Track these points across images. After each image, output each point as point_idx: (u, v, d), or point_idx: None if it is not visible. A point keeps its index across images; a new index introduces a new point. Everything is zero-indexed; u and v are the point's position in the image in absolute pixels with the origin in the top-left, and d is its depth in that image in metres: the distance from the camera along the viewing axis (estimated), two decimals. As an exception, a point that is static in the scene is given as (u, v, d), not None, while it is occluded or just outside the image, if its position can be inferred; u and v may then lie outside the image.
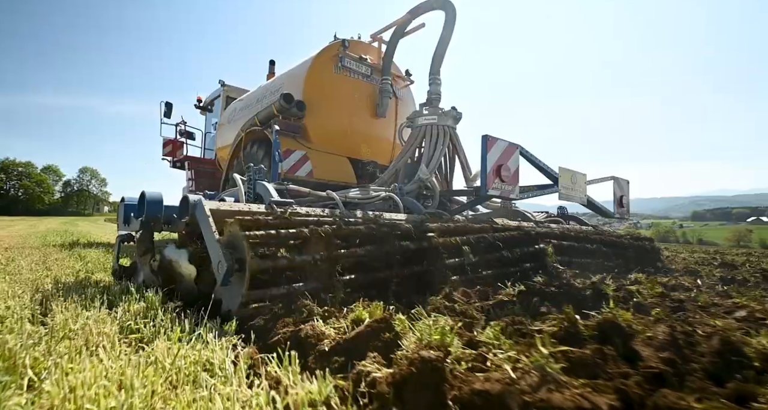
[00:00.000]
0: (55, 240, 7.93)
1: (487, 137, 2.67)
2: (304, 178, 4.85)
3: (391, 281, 2.26)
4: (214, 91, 9.02)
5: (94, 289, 2.30)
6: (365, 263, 2.28)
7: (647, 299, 2.07)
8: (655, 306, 1.91)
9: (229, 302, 1.94)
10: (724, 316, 1.78)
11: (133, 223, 2.57)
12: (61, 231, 11.66)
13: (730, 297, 2.29)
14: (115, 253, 2.78)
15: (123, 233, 2.82)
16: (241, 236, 1.92)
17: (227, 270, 1.87)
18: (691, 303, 2.02)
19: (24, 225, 16.89)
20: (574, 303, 1.66)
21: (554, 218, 5.04)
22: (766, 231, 34.55)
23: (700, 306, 1.97)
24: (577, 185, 3.26)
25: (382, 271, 2.29)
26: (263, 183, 2.77)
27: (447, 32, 4.65)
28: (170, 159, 8.67)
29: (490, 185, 2.67)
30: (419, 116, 4.64)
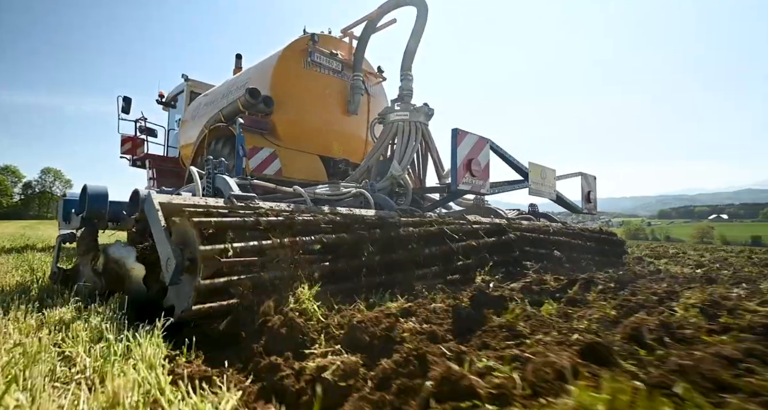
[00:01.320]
0: (3, 245, 7.24)
1: (457, 131, 2.63)
2: (272, 176, 4.65)
3: (360, 281, 2.16)
4: (177, 86, 8.59)
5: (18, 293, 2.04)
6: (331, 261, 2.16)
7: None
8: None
9: (179, 303, 1.77)
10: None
11: (74, 220, 2.32)
12: (17, 236, 10.68)
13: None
14: (54, 255, 2.51)
15: (64, 232, 2.55)
16: (191, 225, 1.76)
17: (176, 267, 1.70)
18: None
19: None
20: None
21: (526, 215, 5.11)
22: (726, 228, 37.39)
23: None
24: (546, 180, 3.29)
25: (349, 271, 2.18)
26: (223, 177, 2.59)
27: (418, 28, 4.62)
28: (129, 157, 8.17)
29: (460, 179, 2.62)
30: (391, 112, 4.56)
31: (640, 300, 1.91)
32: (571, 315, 1.72)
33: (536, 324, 1.56)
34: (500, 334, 1.40)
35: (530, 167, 3.13)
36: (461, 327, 1.50)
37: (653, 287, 2.26)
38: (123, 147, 8.18)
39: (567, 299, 1.93)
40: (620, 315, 1.66)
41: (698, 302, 1.76)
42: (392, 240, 2.32)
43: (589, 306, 1.84)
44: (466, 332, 1.46)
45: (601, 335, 1.35)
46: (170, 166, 7.93)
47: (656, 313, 1.68)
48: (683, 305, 1.76)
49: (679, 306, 1.76)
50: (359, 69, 5.58)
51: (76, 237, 2.44)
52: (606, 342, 1.16)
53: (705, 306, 1.72)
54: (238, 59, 7.31)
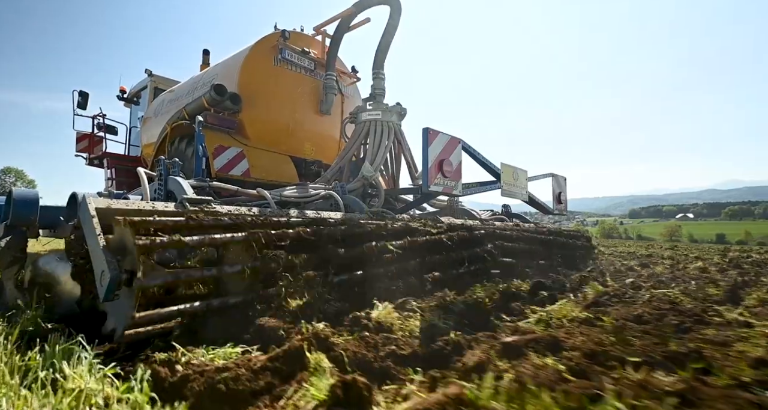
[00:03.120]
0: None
1: (428, 130, 2.54)
2: (239, 177, 4.43)
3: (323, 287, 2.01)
4: (140, 81, 8.13)
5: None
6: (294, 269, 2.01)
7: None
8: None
9: (114, 322, 1.57)
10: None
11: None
12: None
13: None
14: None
15: (-11, 240, 2.27)
16: (132, 240, 1.57)
17: (111, 282, 1.51)
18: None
19: None
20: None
21: (499, 216, 5.12)
22: (694, 227, 39.78)
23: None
24: (518, 181, 3.26)
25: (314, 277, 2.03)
26: (176, 179, 2.38)
27: (391, 27, 4.53)
28: (85, 156, 7.64)
29: (432, 180, 2.54)
30: (363, 111, 4.45)
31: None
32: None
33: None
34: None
35: (502, 168, 3.09)
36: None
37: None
38: (79, 145, 7.65)
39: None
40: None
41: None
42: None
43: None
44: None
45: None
46: (131, 165, 7.47)
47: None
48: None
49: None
50: (332, 68, 5.42)
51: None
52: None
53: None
54: (205, 55, 6.99)
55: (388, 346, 1.36)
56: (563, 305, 1.94)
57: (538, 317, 1.79)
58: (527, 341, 1.35)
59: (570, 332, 1.56)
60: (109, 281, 1.51)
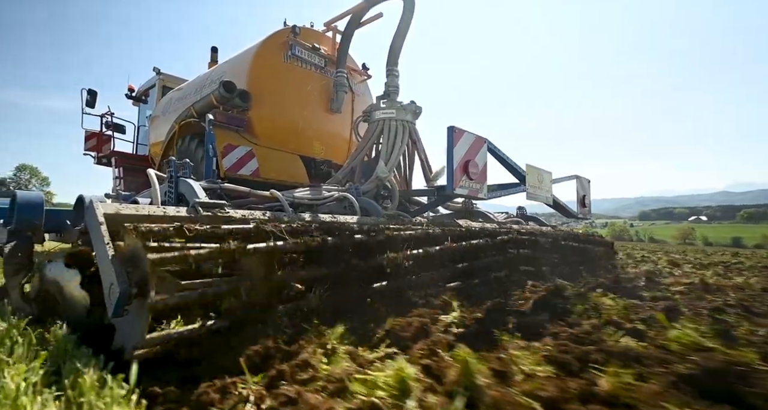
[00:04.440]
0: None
1: (453, 129, 2.39)
2: (248, 177, 4.32)
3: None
4: (148, 80, 8.07)
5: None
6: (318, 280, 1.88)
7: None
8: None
9: (123, 337, 1.45)
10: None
11: (1, 233, 1.95)
12: None
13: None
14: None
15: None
16: (142, 251, 1.45)
17: (121, 296, 1.39)
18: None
19: None
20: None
21: (515, 218, 4.96)
22: (707, 229, 39.13)
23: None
24: (543, 184, 3.11)
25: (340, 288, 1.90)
26: (187, 181, 2.26)
27: (405, 22, 4.37)
28: (94, 155, 7.60)
29: (457, 183, 2.39)
30: (376, 109, 4.30)
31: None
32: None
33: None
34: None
35: (527, 170, 2.94)
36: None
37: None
38: (87, 143, 7.60)
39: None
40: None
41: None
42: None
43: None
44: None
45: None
46: (139, 164, 7.42)
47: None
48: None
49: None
50: (343, 65, 5.28)
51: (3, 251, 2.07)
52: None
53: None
54: (213, 52, 6.89)
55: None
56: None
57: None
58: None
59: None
60: (119, 296, 1.39)
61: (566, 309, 1.93)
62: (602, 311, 1.93)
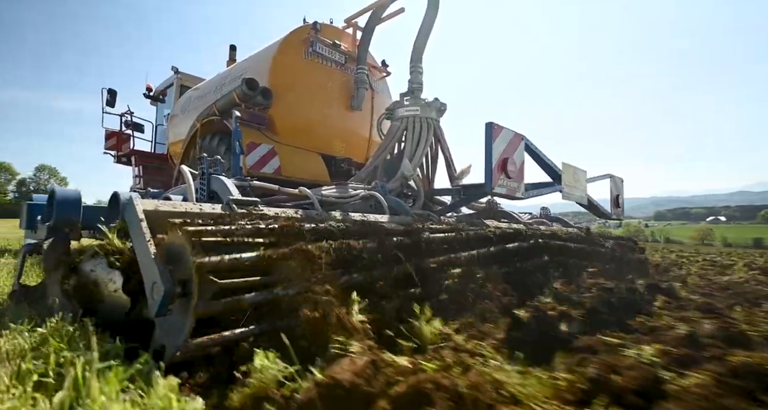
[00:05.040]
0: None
1: (492, 125, 2.30)
2: (270, 175, 4.29)
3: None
4: (166, 79, 8.13)
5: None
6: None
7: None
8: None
9: (164, 339, 1.41)
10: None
11: (40, 229, 1.94)
12: (10, 235, 9.99)
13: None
14: (17, 269, 2.12)
15: (30, 242, 2.17)
16: (185, 240, 1.40)
17: (165, 296, 1.35)
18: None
19: None
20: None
21: (539, 219, 4.84)
22: (726, 230, 37.86)
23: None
24: (578, 183, 3.00)
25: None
26: (220, 178, 2.23)
27: (430, 17, 4.28)
28: (114, 153, 7.69)
29: (495, 181, 2.30)
30: (400, 106, 4.23)
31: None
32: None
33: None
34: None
35: (563, 168, 2.83)
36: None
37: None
38: (107, 142, 7.70)
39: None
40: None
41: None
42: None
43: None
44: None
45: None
46: (158, 163, 7.49)
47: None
48: None
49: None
50: (364, 62, 5.22)
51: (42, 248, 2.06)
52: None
53: None
54: (232, 51, 6.89)
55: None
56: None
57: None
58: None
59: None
60: (163, 295, 1.35)
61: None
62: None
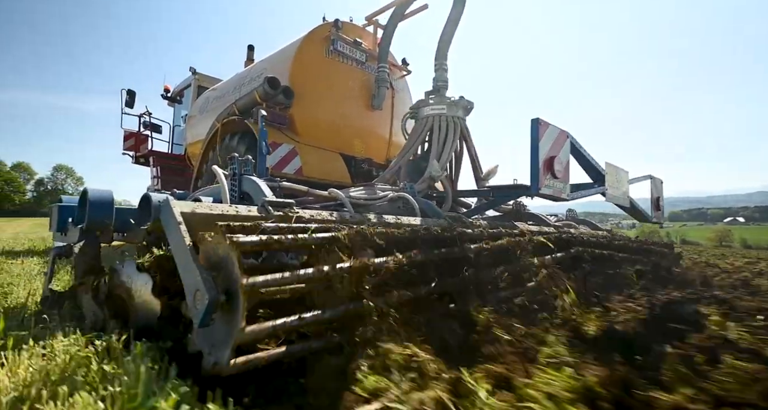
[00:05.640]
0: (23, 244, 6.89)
1: (539, 121, 2.17)
2: (292, 175, 4.22)
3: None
4: (184, 80, 8.15)
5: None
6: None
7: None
8: None
9: (212, 352, 1.32)
10: None
11: (72, 232, 1.87)
12: (34, 236, 10.21)
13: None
14: (47, 273, 2.06)
15: (59, 245, 2.11)
16: (231, 245, 1.31)
17: (209, 304, 1.25)
18: None
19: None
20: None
21: (567, 221, 4.67)
22: (745, 231, 36.43)
23: None
24: (620, 184, 2.84)
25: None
26: (252, 178, 2.14)
27: (456, 13, 4.15)
28: (132, 154, 7.73)
29: (542, 182, 2.17)
30: (425, 105, 4.11)
31: None
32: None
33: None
34: None
35: (607, 168, 2.67)
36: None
37: None
38: (126, 143, 7.75)
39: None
40: None
41: None
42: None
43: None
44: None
45: None
46: (175, 164, 7.50)
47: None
48: None
49: None
50: (385, 60, 5.12)
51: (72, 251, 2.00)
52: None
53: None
54: (250, 51, 6.86)
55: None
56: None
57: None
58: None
59: None
60: (207, 304, 1.25)
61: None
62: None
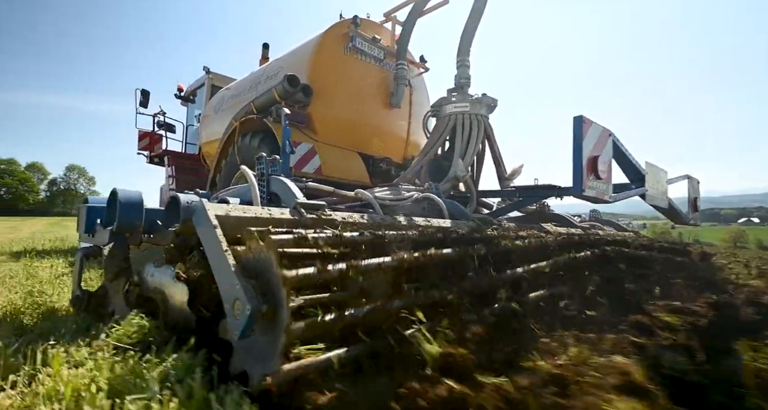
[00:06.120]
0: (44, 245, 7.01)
1: (582, 119, 2.05)
2: (311, 175, 4.15)
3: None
4: (197, 79, 8.14)
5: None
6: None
7: None
8: None
9: (245, 364, 1.24)
10: None
11: (100, 233, 1.82)
12: (51, 235, 10.43)
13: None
14: (75, 274, 2.02)
15: (86, 246, 2.06)
16: (272, 250, 1.23)
17: (251, 315, 1.18)
18: None
19: (2, 228, 14.19)
20: None
21: (592, 222, 4.54)
22: (759, 232, 35.51)
23: None
24: (660, 184, 2.71)
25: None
26: (281, 179, 2.07)
27: (478, 7, 4.03)
28: (147, 154, 7.75)
29: (586, 183, 2.05)
30: (447, 103, 4.01)
31: None
32: None
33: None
34: None
35: (648, 168, 2.54)
36: None
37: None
38: (140, 143, 7.77)
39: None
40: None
41: None
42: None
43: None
44: None
45: None
46: (189, 163, 7.50)
47: None
48: None
49: None
50: (404, 57, 5.02)
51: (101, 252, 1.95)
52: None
53: None
54: (264, 49, 6.81)
55: None
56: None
57: None
58: None
59: None
60: (249, 315, 1.18)
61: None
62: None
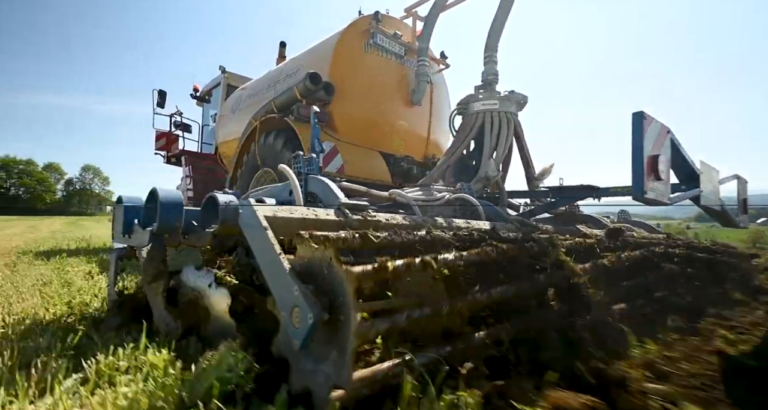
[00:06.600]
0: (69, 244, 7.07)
1: (643, 115, 1.92)
2: (334, 174, 4.06)
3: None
4: (213, 79, 8.13)
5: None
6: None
7: None
8: None
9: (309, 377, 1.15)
10: None
11: (138, 234, 1.75)
12: (68, 234, 10.59)
13: None
14: (110, 276, 1.95)
15: (120, 246, 2.00)
16: (333, 254, 1.14)
17: (313, 324, 1.08)
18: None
19: (22, 228, 14.26)
20: None
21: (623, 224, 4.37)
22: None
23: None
24: (713, 185, 2.56)
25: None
26: (321, 178, 1.98)
27: (507, 2, 3.91)
28: (164, 154, 7.76)
29: (647, 185, 1.92)
30: (474, 100, 3.89)
31: None
32: None
33: None
34: None
35: (702, 168, 2.40)
36: None
37: None
38: (157, 143, 7.78)
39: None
40: None
41: None
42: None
43: None
44: None
45: None
46: (205, 163, 7.48)
47: None
48: None
49: None
50: (425, 53, 4.91)
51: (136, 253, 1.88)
52: None
53: None
54: (282, 48, 6.76)
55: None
56: None
57: None
58: None
59: None
60: (312, 323, 1.08)
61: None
62: None
